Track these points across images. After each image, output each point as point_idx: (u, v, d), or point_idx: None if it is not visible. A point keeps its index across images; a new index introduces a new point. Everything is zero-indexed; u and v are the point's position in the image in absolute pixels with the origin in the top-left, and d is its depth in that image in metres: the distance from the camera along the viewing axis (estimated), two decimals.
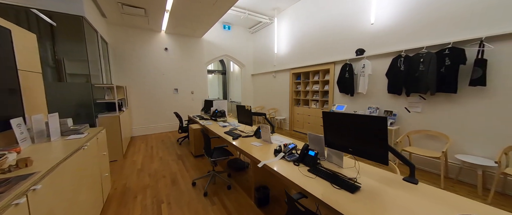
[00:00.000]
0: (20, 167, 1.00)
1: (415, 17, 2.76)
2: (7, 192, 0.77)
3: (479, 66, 2.16)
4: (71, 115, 2.90)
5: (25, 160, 1.03)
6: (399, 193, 1.12)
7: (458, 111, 2.42)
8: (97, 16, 3.69)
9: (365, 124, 1.24)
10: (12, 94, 1.39)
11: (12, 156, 1.12)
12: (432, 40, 2.59)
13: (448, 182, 2.38)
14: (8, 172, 0.95)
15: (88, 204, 1.50)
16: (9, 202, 0.72)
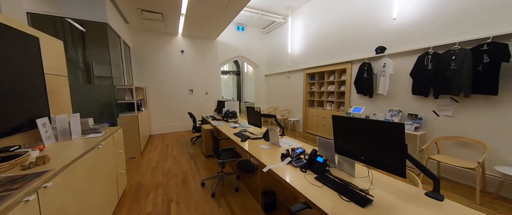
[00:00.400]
0: (38, 164, 1.09)
1: (446, 9, 2.45)
2: (20, 188, 0.83)
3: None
4: (95, 115, 3.16)
5: (43, 158, 1.12)
6: (419, 210, 0.98)
7: (498, 116, 2.09)
8: (120, 22, 3.96)
9: (379, 130, 1.12)
10: (39, 96, 1.53)
11: (35, 153, 1.23)
12: (467, 34, 2.27)
13: (485, 198, 2.07)
14: (28, 169, 1.03)
15: (103, 199, 1.59)
16: (20, 198, 0.77)
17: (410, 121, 2.77)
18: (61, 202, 1.03)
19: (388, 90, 3.06)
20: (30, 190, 0.83)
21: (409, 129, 2.70)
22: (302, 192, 1.17)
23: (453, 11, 2.39)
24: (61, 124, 1.65)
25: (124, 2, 3.41)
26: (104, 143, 1.69)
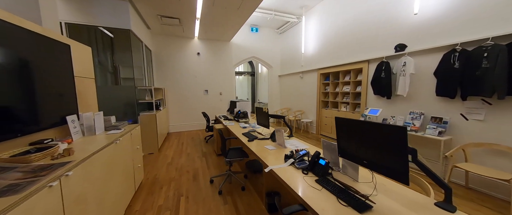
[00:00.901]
0: (64, 155, 1.25)
1: (476, 1, 2.19)
2: (47, 175, 0.97)
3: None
4: (120, 113, 3.48)
5: (69, 150, 1.29)
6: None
7: None
8: (142, 28, 4.30)
9: (381, 134, 1.06)
10: (69, 96, 1.75)
11: (63, 146, 1.41)
12: (503, 28, 2.01)
13: None
14: (56, 159, 1.20)
15: (121, 189, 1.76)
16: (45, 184, 0.90)
17: (433, 125, 2.53)
18: (81, 189, 1.17)
19: (408, 91, 2.83)
20: (54, 177, 0.96)
21: (432, 134, 2.47)
22: (299, 193, 1.16)
23: (485, 3, 2.13)
24: (87, 121, 1.86)
25: (146, 9, 3.70)
26: (122, 139, 1.87)
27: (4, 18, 1.16)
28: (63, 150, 1.28)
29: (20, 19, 1.31)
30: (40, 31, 1.46)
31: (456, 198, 2.09)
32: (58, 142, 1.39)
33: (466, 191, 2.24)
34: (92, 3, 3.15)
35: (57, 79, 1.61)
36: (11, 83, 1.20)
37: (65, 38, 1.78)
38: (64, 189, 1.01)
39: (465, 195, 2.15)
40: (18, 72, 1.25)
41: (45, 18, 1.82)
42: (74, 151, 1.31)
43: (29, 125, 1.34)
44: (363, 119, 3.42)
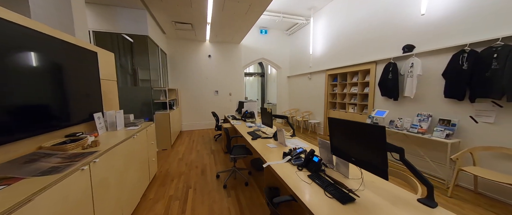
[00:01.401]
0: (92, 146, 1.49)
1: (485, 1, 2.13)
2: (79, 161, 1.19)
3: None
4: (138, 112, 3.81)
5: (95, 142, 1.53)
6: (402, 214, 0.98)
7: None
8: (158, 33, 4.64)
9: (364, 132, 1.14)
10: (96, 96, 2.03)
11: (91, 138, 1.67)
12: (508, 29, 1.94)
13: None
14: (85, 149, 1.43)
15: (137, 179, 2.00)
16: (78, 167, 1.12)
17: (441, 127, 2.47)
18: (104, 174, 1.39)
19: (416, 92, 2.78)
20: (85, 163, 1.18)
21: (439, 136, 2.42)
22: (290, 186, 1.28)
23: (495, 2, 2.06)
24: (110, 118, 2.13)
25: (161, 16, 4.01)
26: (139, 134, 2.11)
27: (46, 32, 1.42)
28: (91, 142, 1.53)
29: (59, 32, 1.58)
30: (74, 41, 1.73)
31: (463, 203, 2.05)
32: (87, 135, 1.65)
33: (475, 196, 2.17)
34: (115, 12, 3.50)
35: (86, 81, 1.88)
36: (51, 86, 1.46)
37: (93, 46, 2.06)
38: (92, 172, 1.23)
39: (473, 200, 2.09)
40: (56, 76, 1.51)
41: (77, 28, 2.12)
42: (99, 143, 1.55)
43: (65, 120, 1.60)
44: (370, 120, 3.40)
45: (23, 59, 1.21)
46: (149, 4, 3.43)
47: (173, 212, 1.93)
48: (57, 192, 0.95)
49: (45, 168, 1.07)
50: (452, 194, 2.19)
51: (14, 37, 1.15)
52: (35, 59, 1.29)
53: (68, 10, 2.08)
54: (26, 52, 1.23)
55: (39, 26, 1.35)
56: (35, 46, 1.29)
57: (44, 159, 1.18)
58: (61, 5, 2.02)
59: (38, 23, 1.37)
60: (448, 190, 2.22)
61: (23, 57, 1.21)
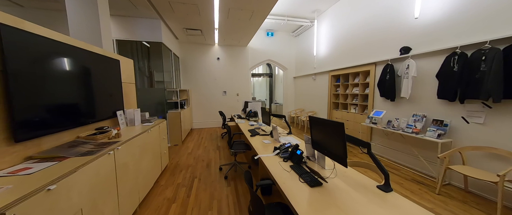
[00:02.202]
0: (115, 137, 1.85)
1: (476, 6, 2.18)
2: (107, 147, 1.54)
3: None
4: (152, 110, 4.25)
5: (118, 134, 1.89)
6: (358, 196, 1.18)
7: None
8: (171, 39, 5.08)
9: (331, 128, 1.35)
10: (118, 96, 2.42)
11: (115, 131, 2.04)
12: (501, 31, 1.99)
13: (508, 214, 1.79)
14: (110, 139, 1.80)
15: (151, 167, 2.35)
16: (106, 152, 1.47)
17: (433, 127, 2.54)
18: (125, 159, 1.74)
19: (411, 93, 2.85)
20: (111, 149, 1.53)
21: (431, 136, 2.49)
22: (272, 173, 1.52)
23: (485, 7, 2.11)
24: (129, 115, 2.52)
25: (174, 24, 4.41)
26: (153, 129, 2.47)
27: (80, 46, 1.80)
28: (115, 134, 1.89)
29: (90, 45, 1.97)
30: (101, 52, 2.12)
31: (450, 200, 2.13)
32: (111, 129, 2.02)
33: (465, 194, 2.23)
34: (134, 22, 3.97)
35: (111, 84, 2.27)
36: (85, 89, 1.84)
37: (116, 55, 2.45)
38: (116, 157, 1.58)
39: (461, 198, 2.16)
40: (89, 81, 1.89)
41: (104, 40, 2.54)
42: (121, 135, 1.91)
43: (94, 117, 1.98)
44: (369, 121, 3.50)
45: (65, 68, 1.59)
46: (163, 14, 3.84)
47: (180, 197, 2.25)
48: (91, 168, 1.29)
49: (82, 151, 1.42)
50: (441, 191, 2.26)
51: (60, 52, 1.53)
52: (73, 68, 1.67)
53: (97, 25, 2.50)
54: (66, 63, 1.61)
55: (76, 42, 1.74)
56: (73, 58, 1.67)
57: (81, 145, 1.54)
58: (91, 21, 2.44)
59: (75, 40, 1.75)
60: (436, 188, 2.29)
61: (65, 67, 1.59)
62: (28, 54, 1.24)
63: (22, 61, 1.20)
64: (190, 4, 3.37)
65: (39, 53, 1.32)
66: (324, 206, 1.07)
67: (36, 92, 1.29)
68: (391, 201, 1.12)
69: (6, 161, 1.12)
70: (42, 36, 1.35)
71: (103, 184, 1.41)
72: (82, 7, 2.36)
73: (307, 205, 1.08)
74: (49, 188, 0.94)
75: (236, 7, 3.51)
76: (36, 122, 1.29)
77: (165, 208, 2.03)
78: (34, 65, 1.28)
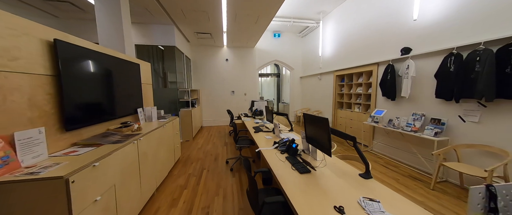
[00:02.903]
0: (137, 130, 2.18)
1: (471, 8, 2.24)
2: (131, 138, 1.85)
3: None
4: (166, 108, 4.63)
5: (139, 128, 2.21)
6: (340, 181, 1.37)
7: None
8: (184, 42, 5.45)
9: (319, 123, 1.55)
10: (138, 96, 2.76)
11: (136, 126, 2.37)
12: (494, 33, 2.05)
13: None
14: (133, 132, 2.12)
15: (165, 158, 2.67)
16: (131, 141, 1.78)
17: (431, 126, 2.61)
18: (145, 149, 2.05)
19: (411, 93, 2.93)
20: (134, 139, 1.84)
21: (429, 134, 2.57)
22: (269, 162, 1.74)
23: (479, 9, 2.17)
24: (148, 112, 2.86)
25: (186, 29, 4.76)
26: (167, 125, 2.79)
27: (110, 53, 2.14)
28: (136, 128, 2.21)
29: (116, 51, 2.31)
30: (125, 58, 2.46)
31: (443, 195, 2.22)
32: (133, 123, 2.35)
33: (460, 191, 2.30)
34: (150, 28, 4.36)
35: (133, 85, 2.61)
36: (113, 90, 2.18)
37: (136, 59, 2.80)
38: (138, 146, 1.89)
39: (455, 194, 2.23)
40: (115, 83, 2.23)
41: (127, 46, 2.90)
42: (141, 128, 2.23)
43: (120, 113, 2.32)
44: (371, 119, 3.59)
45: (98, 73, 1.92)
46: (176, 20, 4.18)
47: (190, 184, 2.55)
48: (121, 153, 1.60)
49: (113, 140, 1.74)
50: (435, 187, 2.35)
51: (95, 59, 1.86)
52: (104, 72, 2.01)
53: (121, 33, 2.86)
54: (100, 68, 1.94)
55: (106, 50, 2.08)
56: (105, 64, 2.01)
57: (111, 136, 1.87)
58: (116, 29, 2.80)
59: (106, 48, 2.09)
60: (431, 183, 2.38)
61: (98, 71, 1.92)
62: (74, 62, 1.57)
63: (70, 68, 1.53)
64: (201, 11, 3.67)
65: (81, 61, 1.66)
66: (308, 188, 1.28)
67: (79, 93, 1.62)
68: (368, 185, 1.31)
69: (59, 145, 1.46)
70: (82, 47, 1.68)
71: (129, 168, 1.72)
72: (109, 17, 2.73)
73: (293, 186, 1.29)
74: (95, 165, 1.25)
75: (242, 12, 3.75)
76: (79, 116, 1.62)
77: (177, 193, 2.33)
78: (77, 70, 1.61)
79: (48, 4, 3.45)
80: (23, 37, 1.23)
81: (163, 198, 2.23)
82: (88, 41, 1.83)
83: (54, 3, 3.37)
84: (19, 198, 1.00)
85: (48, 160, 1.25)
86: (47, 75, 1.37)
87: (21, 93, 1.21)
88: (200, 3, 3.36)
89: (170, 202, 2.15)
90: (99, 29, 2.70)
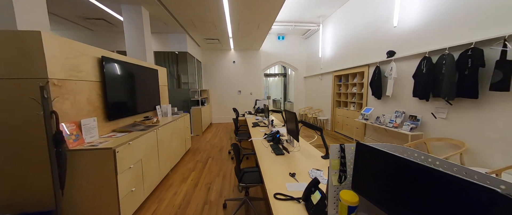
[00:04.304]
0: (156, 123, 2.77)
1: (439, 18, 2.51)
2: (153, 128, 2.44)
3: (500, 69, 1.87)
4: (179, 106, 5.28)
5: (158, 121, 2.81)
6: (304, 159, 1.81)
7: (479, 118, 2.11)
8: (195, 47, 6.08)
9: (292, 117, 1.99)
10: (156, 95, 3.38)
11: (155, 119, 2.97)
12: (456, 40, 2.32)
13: None
14: (154, 124, 2.71)
15: (178, 146, 3.26)
16: (151, 130, 2.36)
17: (408, 122, 2.90)
18: (162, 137, 2.63)
19: (393, 92, 3.21)
20: (154, 129, 2.42)
21: (406, 130, 2.87)
22: (255, 148, 2.21)
23: (445, 18, 2.44)
24: (164, 109, 3.47)
25: (196, 36, 5.37)
26: (179, 120, 3.38)
27: (136, 63, 2.75)
28: (155, 121, 2.81)
29: (140, 61, 2.92)
30: (147, 65, 3.08)
31: None
32: (153, 117, 2.96)
33: None
34: (166, 37, 5.02)
35: (152, 87, 3.23)
36: (139, 91, 2.79)
37: (155, 66, 3.42)
38: (157, 134, 2.47)
39: None
40: (140, 86, 2.84)
41: (148, 54, 3.54)
42: (159, 121, 2.82)
43: (143, 109, 2.93)
44: (362, 117, 3.90)
45: (127, 77, 2.53)
46: (187, 29, 4.79)
47: (197, 168, 3.11)
48: (145, 138, 2.17)
49: (139, 129, 2.33)
50: None
51: (127, 68, 2.47)
52: (131, 77, 2.62)
53: (143, 44, 3.51)
54: (129, 74, 2.55)
55: (134, 60, 2.69)
56: (133, 71, 2.62)
57: (137, 126, 2.47)
58: (139, 42, 3.45)
59: (133, 58, 2.70)
60: None
61: (127, 76, 2.53)
62: (112, 71, 2.18)
63: (110, 75, 2.13)
64: (208, 22, 4.22)
65: (117, 70, 2.26)
66: (277, 163, 1.74)
67: (116, 93, 2.22)
68: (324, 163, 1.73)
69: (104, 131, 2.07)
70: (118, 60, 2.28)
71: (151, 149, 2.30)
72: (134, 30, 3.38)
73: (267, 162, 1.76)
74: (129, 143, 1.82)
75: (244, 21, 4.24)
76: (117, 111, 2.22)
77: (187, 174, 2.89)
78: (115, 77, 2.22)
79: (87, 22, 4.24)
80: (84, 56, 1.84)
81: (175, 177, 2.80)
82: (117, 50, 2.44)
83: (92, 20, 4.14)
84: (87, 160, 1.59)
85: (99, 139, 1.85)
86: (97, 81, 1.98)
87: (83, 94, 1.81)
88: (207, 15, 3.91)
89: (181, 180, 2.71)
90: (127, 41, 3.36)
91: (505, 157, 1.92)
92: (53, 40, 1.53)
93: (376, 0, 3.64)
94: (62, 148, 1.44)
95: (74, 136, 1.65)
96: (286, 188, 1.30)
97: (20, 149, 1.51)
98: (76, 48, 1.75)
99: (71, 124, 1.65)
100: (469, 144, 2.21)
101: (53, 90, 1.51)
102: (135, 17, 3.43)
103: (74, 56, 1.73)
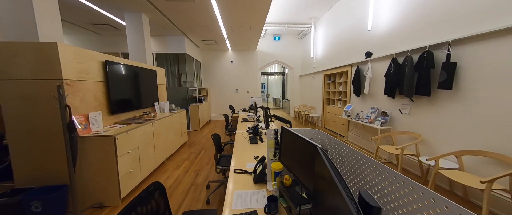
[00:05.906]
0: (154, 117, 3.17)
1: (403, 23, 2.77)
2: (150, 121, 2.83)
3: (445, 70, 2.13)
4: (179, 103, 5.69)
5: (155, 116, 3.21)
6: None
7: (433, 114, 2.37)
8: (194, 48, 6.47)
9: (266, 111, 2.32)
10: (155, 93, 3.78)
11: (152, 114, 3.37)
12: (415, 43, 2.58)
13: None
14: (151, 118, 3.11)
15: (174, 139, 3.66)
16: (149, 123, 2.75)
17: (380, 117, 3.17)
18: (158, 129, 3.03)
19: (369, 90, 3.47)
20: (150, 122, 2.81)
21: (377, 125, 3.14)
22: (236, 138, 2.57)
23: (408, 24, 2.70)
24: (162, 106, 3.88)
25: (194, 38, 5.75)
26: (175, 115, 3.77)
27: (135, 65, 3.15)
28: (153, 115, 3.21)
29: (141, 63, 3.32)
30: (147, 67, 3.47)
31: None
32: (151, 113, 3.36)
33: (392, 165, 2.87)
34: (165, 39, 5.43)
35: (151, 85, 3.63)
36: (139, 89, 3.19)
37: (154, 67, 3.82)
38: (154, 127, 2.86)
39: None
40: (140, 84, 3.24)
41: (147, 56, 3.94)
42: (156, 116, 3.22)
43: (142, 105, 3.33)
44: (344, 113, 4.18)
45: (129, 77, 2.93)
46: (185, 32, 5.17)
47: (190, 158, 3.50)
48: (142, 129, 2.57)
49: (137, 121, 2.73)
50: None
51: (128, 69, 2.87)
52: (132, 77, 3.01)
53: (143, 46, 3.91)
54: (130, 75, 2.95)
55: (135, 63, 3.09)
56: (134, 72, 3.02)
57: (137, 119, 2.87)
58: (140, 43, 3.85)
59: (134, 62, 3.10)
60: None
61: (128, 76, 2.93)
62: (115, 72, 2.57)
63: (113, 76, 2.53)
64: (203, 25, 4.59)
65: (119, 71, 2.66)
66: (248, 149, 2.09)
67: (118, 91, 2.62)
68: None
69: (108, 123, 2.47)
70: (119, 63, 2.68)
71: (147, 139, 2.70)
72: (135, 35, 3.78)
73: (240, 148, 2.11)
74: (127, 132, 2.22)
75: (236, 24, 4.58)
76: (118, 106, 2.63)
77: (181, 162, 3.29)
78: (117, 77, 2.62)
79: (95, 27, 4.70)
80: (91, 61, 2.23)
81: (170, 165, 3.20)
82: (122, 52, 2.84)
83: (99, 25, 4.59)
84: (93, 145, 1.99)
85: (103, 129, 2.25)
86: (102, 82, 2.38)
87: (91, 92, 2.21)
88: (202, 19, 4.27)
89: (175, 167, 3.11)
90: (129, 45, 3.77)
91: (450, 146, 2.18)
92: (67, 49, 1.93)
93: (356, 5, 3.89)
94: (74, 134, 1.84)
95: (83, 125, 2.05)
96: (246, 166, 1.65)
97: (43, 134, 1.92)
98: (84, 54, 2.15)
99: (81, 116, 2.06)
100: (424, 136, 2.47)
101: (67, 89, 1.91)
102: (136, 23, 3.84)
103: (83, 61, 2.13)
